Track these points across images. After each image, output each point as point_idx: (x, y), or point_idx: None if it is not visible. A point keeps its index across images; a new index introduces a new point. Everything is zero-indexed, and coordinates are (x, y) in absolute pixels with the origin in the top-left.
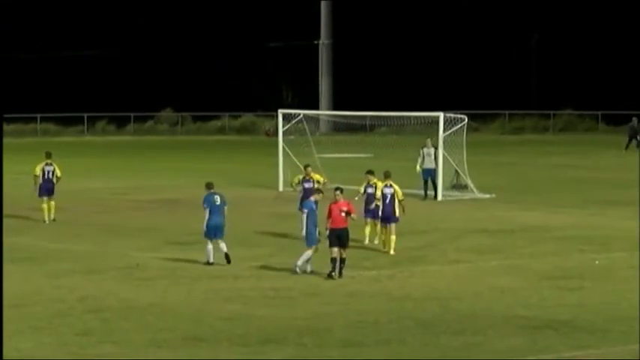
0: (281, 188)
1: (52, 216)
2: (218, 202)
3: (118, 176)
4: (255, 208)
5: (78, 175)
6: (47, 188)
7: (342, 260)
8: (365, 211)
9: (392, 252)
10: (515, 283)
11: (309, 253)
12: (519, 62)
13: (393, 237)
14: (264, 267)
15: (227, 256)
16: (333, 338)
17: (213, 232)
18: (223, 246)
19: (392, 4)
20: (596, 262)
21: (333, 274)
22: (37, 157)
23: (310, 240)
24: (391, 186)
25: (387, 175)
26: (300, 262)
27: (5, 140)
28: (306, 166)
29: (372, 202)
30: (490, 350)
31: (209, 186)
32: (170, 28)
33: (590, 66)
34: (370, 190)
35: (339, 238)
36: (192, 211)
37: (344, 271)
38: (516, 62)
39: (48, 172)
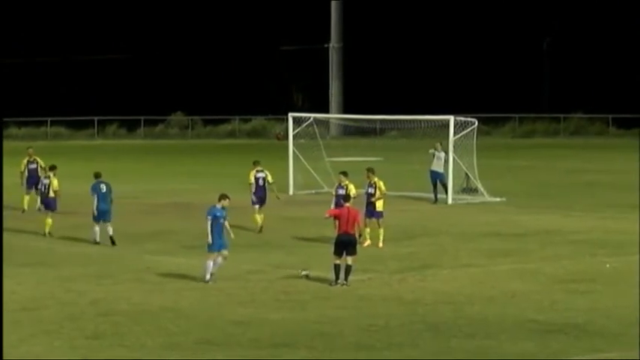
0: (291, 192)
1: (37, 206)
2: (104, 190)
3: (129, 180)
4: (266, 211)
5: (88, 179)
6: (33, 183)
7: (348, 267)
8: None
9: (381, 244)
10: (526, 286)
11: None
12: (530, 66)
13: (381, 230)
14: (275, 271)
15: (112, 238)
16: (345, 342)
17: (102, 216)
18: (110, 229)
19: (402, 7)
20: (607, 265)
21: (334, 283)
22: (48, 160)
23: None
24: (374, 184)
25: (372, 172)
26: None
27: (16, 144)
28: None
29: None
30: (502, 354)
31: (97, 175)
32: (180, 32)
33: (600, 69)
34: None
35: (347, 244)
36: (205, 214)
37: (350, 277)
38: (527, 66)
39: (32, 169)
